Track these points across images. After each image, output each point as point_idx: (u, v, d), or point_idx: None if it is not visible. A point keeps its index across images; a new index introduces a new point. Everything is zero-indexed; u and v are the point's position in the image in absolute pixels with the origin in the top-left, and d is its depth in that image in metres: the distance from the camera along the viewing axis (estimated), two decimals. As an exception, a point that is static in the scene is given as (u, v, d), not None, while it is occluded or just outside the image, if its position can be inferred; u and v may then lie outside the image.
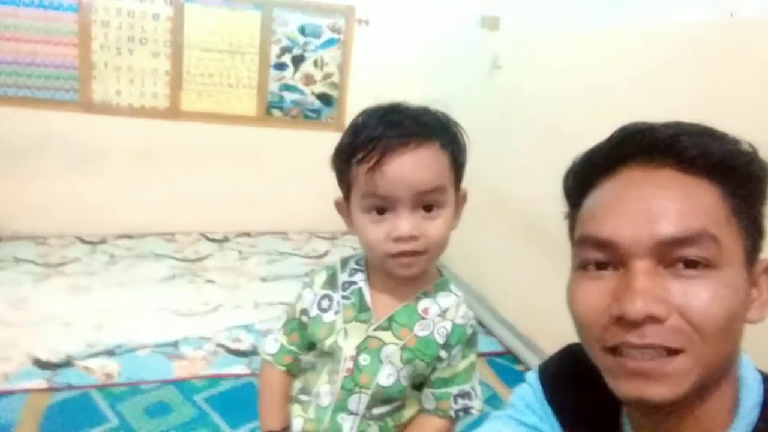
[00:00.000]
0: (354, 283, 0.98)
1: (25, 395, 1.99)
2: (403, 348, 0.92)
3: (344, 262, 1.02)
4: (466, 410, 0.97)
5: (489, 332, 2.81)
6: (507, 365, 2.56)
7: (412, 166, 0.84)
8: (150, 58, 3.49)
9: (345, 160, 0.89)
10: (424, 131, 0.87)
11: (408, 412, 0.99)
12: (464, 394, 0.97)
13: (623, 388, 0.55)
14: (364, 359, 0.93)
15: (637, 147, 0.59)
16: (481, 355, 2.63)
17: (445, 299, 0.96)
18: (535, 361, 2.48)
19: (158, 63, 3.53)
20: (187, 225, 3.81)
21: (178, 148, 3.64)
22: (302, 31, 3.75)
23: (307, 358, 1.04)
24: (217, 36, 3.59)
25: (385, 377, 0.93)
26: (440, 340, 0.93)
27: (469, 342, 0.97)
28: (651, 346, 0.52)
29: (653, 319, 0.52)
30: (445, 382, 0.96)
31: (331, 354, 0.96)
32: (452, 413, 0.96)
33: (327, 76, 3.87)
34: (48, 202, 3.52)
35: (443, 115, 0.93)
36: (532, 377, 0.78)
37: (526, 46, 2.83)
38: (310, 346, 1.02)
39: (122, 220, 3.69)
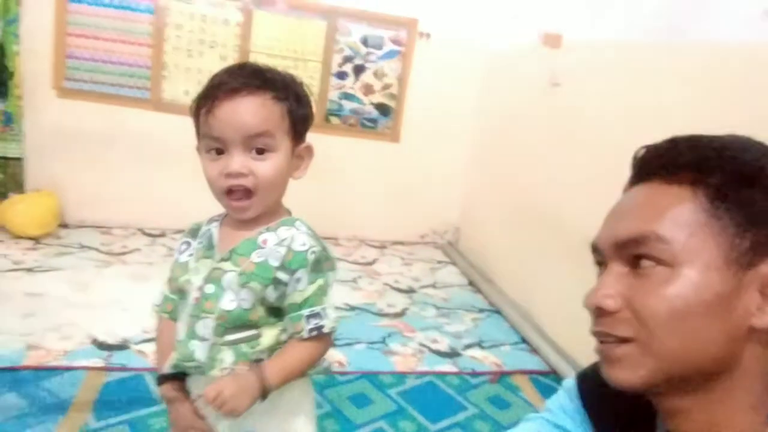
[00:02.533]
0: (209, 230, 1.10)
1: (83, 372, 2.09)
2: (241, 274, 1.00)
3: (210, 218, 1.14)
4: (319, 329, 1.03)
5: (534, 351, 2.79)
6: (551, 385, 2.53)
7: (241, 110, 0.96)
8: (218, 61, 3.63)
9: (195, 107, 1.01)
10: (258, 83, 0.98)
11: (266, 340, 1.05)
12: (315, 315, 1.03)
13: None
14: (209, 288, 1.02)
15: (656, 165, 0.64)
16: (524, 372, 2.64)
17: (285, 232, 1.04)
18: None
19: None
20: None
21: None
22: (365, 41, 3.84)
23: None
24: (283, 43, 3.71)
25: (228, 302, 1.01)
26: (274, 263, 1.01)
27: (315, 268, 1.03)
28: (601, 333, 0.61)
29: (602, 311, 0.60)
30: (299, 306, 1.02)
31: (185, 291, 1.06)
32: (306, 334, 1.02)
33: (386, 86, 3.94)
34: (114, 193, 3.69)
35: (289, 75, 1.05)
36: (570, 384, 0.80)
37: (587, 63, 2.81)
38: None
39: (181, 216, 3.76)
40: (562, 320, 2.80)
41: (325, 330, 1.04)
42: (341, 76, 3.85)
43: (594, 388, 0.74)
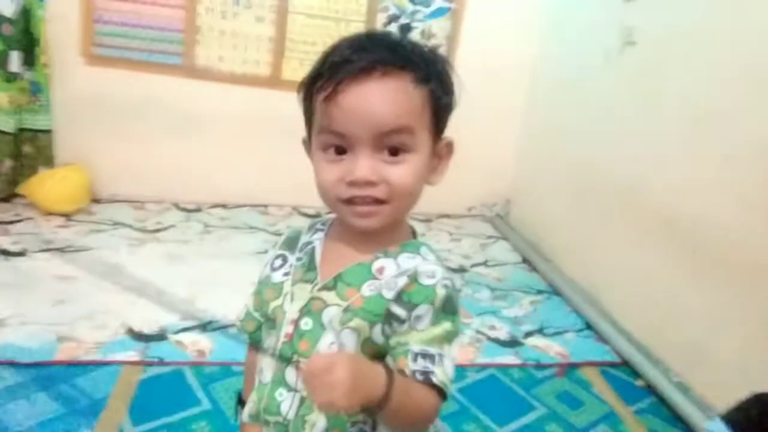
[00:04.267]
0: (311, 243, 0.86)
1: (118, 367, 1.92)
2: (346, 310, 0.77)
3: (312, 224, 0.91)
4: (426, 375, 0.73)
5: (602, 339, 2.54)
6: (625, 379, 2.29)
7: (373, 98, 0.72)
8: (254, 23, 3.38)
9: (307, 89, 0.78)
10: (395, 59, 0.73)
11: None
12: (427, 355, 0.74)
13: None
14: (306, 323, 0.80)
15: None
16: (594, 364, 2.40)
17: (407, 260, 0.80)
18: (657, 377, 2.20)
19: (262, 29, 3.42)
20: (282, 197, 3.73)
21: (278, 118, 3.52)
22: (412, -2, 3.53)
23: None
24: (323, 2, 3.43)
25: (326, 345, 0.77)
26: (389, 294, 0.76)
27: (444, 306, 0.76)
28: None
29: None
30: (407, 343, 0.75)
31: (275, 320, 0.83)
32: (408, 371, 0.73)
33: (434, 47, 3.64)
34: (147, 165, 3.52)
35: (430, 49, 0.79)
36: (719, 427, 0.78)
37: (669, 17, 2.48)
38: None
39: (218, 189, 3.65)
40: (633, 304, 2.54)
41: (435, 380, 0.73)
42: (385, 37, 3.56)
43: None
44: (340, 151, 0.75)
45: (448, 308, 0.77)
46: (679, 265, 2.29)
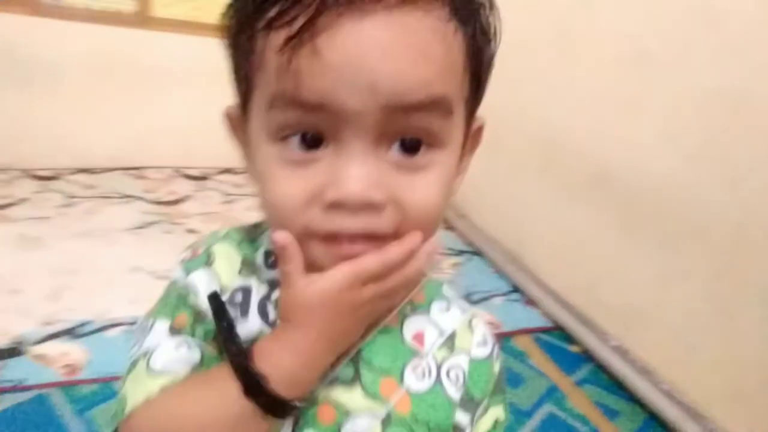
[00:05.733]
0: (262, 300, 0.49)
1: (-42, 402, 1.47)
2: (389, 420, 0.47)
3: (253, 232, 0.54)
4: None
5: (531, 302, 2.39)
6: (560, 345, 2.15)
7: (384, 43, 0.38)
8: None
9: (244, 24, 0.41)
10: None
11: None
12: None
13: None
14: None
15: None
16: (526, 331, 2.24)
17: (442, 313, 0.53)
18: (593, 341, 2.09)
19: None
20: (159, 159, 3.22)
21: (148, 65, 2.98)
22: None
23: None
24: None
25: None
26: (454, 392, 0.50)
27: (498, 385, 0.55)
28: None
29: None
30: None
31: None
32: None
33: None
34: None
35: None
36: None
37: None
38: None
39: (80, 151, 3.08)
40: (562, 263, 2.40)
41: None
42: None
43: None
44: (312, 142, 0.41)
45: (501, 386, 0.55)
46: (612, 222, 2.15)
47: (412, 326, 0.51)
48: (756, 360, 1.66)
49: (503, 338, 2.13)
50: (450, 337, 0.52)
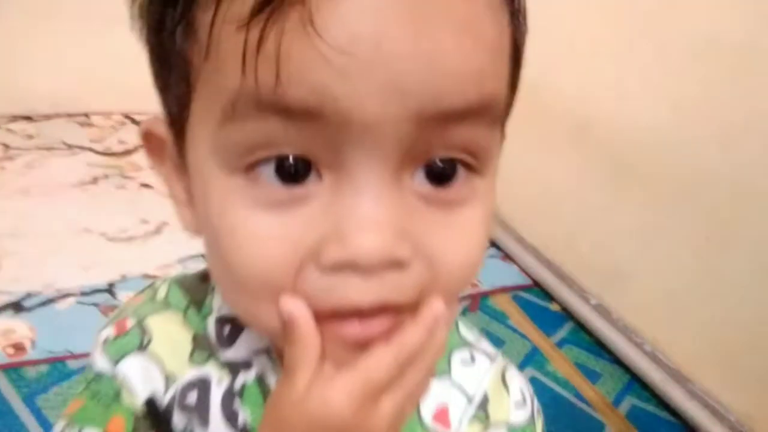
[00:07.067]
0: (247, 364, 0.37)
1: None
2: None
3: (200, 289, 0.40)
4: None
5: (509, 257, 2.31)
6: (539, 304, 2.10)
7: (418, 13, 0.24)
8: None
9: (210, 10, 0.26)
10: None
11: None
12: None
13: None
14: None
15: None
16: (505, 289, 2.16)
17: (468, 368, 0.42)
18: (572, 299, 2.04)
19: None
20: (107, 102, 2.96)
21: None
22: None
23: None
24: None
25: None
26: None
27: None
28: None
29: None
30: None
31: None
32: None
33: None
34: None
35: None
36: None
37: None
38: None
39: (16, 94, 2.80)
40: (540, 218, 2.32)
41: None
42: None
43: None
44: (296, 171, 0.27)
45: None
46: (594, 176, 2.06)
47: (431, 399, 0.38)
48: (744, 322, 1.62)
49: (481, 298, 2.06)
50: (482, 405, 0.40)
